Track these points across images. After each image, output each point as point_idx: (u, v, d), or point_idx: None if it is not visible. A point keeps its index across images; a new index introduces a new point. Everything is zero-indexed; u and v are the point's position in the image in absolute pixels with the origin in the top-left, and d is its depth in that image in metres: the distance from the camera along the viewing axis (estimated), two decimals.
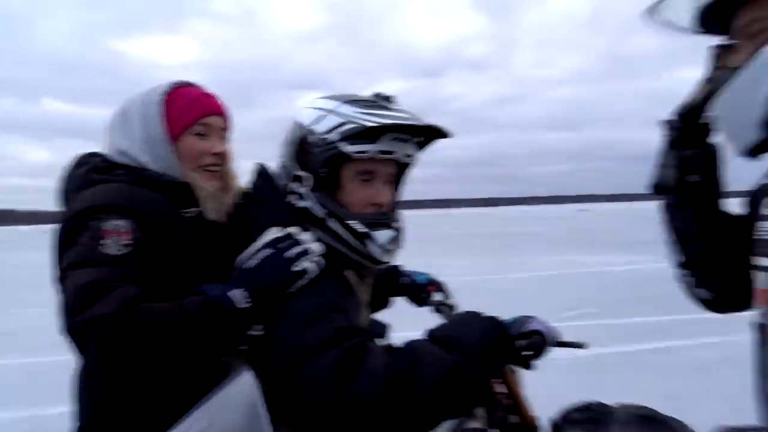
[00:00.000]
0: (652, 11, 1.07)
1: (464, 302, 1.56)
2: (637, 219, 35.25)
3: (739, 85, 0.94)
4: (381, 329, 1.56)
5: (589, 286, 9.78)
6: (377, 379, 1.05)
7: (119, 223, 1.24)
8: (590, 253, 15.07)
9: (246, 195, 1.39)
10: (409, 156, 1.35)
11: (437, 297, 1.84)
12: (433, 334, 1.18)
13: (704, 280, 1.26)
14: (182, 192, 1.41)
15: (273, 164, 1.41)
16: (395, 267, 1.87)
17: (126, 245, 1.23)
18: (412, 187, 1.50)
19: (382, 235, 1.31)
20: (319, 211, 1.29)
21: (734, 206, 1.26)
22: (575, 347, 1.36)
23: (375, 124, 1.24)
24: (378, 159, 1.29)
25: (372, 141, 1.26)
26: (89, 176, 1.38)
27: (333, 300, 1.20)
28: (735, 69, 0.95)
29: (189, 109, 1.45)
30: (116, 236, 1.23)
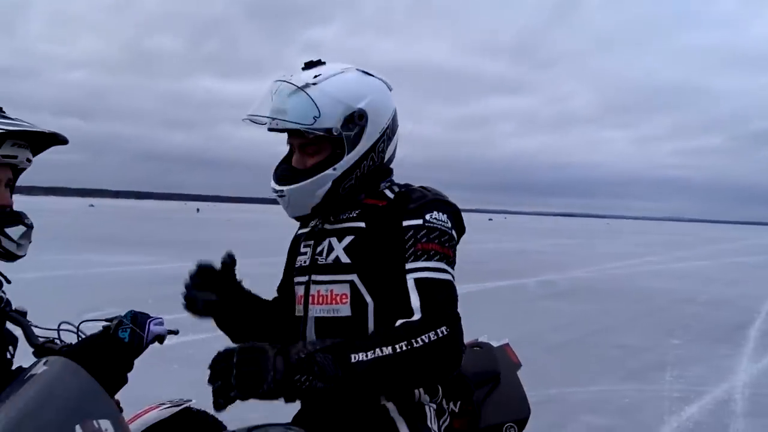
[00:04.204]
0: (248, 118, 1.49)
1: None
2: (147, 218, 35.68)
3: (307, 186, 1.43)
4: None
5: (108, 286, 9.43)
6: None
7: None
8: (106, 253, 14.44)
9: None
10: (29, 160, 1.48)
11: None
12: None
13: None
14: None
15: None
16: None
17: None
18: None
19: (16, 231, 1.42)
20: None
21: None
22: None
23: None
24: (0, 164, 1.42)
25: None
26: None
27: None
28: (302, 172, 1.46)
29: None
30: None
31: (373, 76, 1.51)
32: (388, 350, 1.22)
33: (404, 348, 1.22)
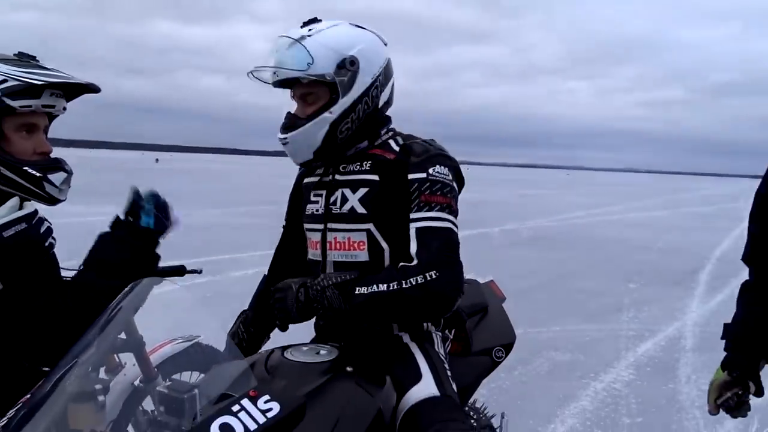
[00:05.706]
0: (252, 73, 1.63)
1: None
2: (105, 169, 34.88)
3: (307, 129, 1.57)
4: None
5: (73, 238, 9.41)
6: None
7: None
8: (66, 203, 14.13)
9: None
10: (64, 109, 1.52)
11: None
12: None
13: None
14: None
15: None
16: None
17: None
18: None
19: (58, 177, 1.47)
20: None
21: None
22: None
23: (40, 82, 1.39)
24: (39, 112, 1.44)
25: (35, 97, 1.40)
26: None
27: None
28: (302, 118, 1.59)
29: None
30: None
31: (364, 29, 1.63)
32: (383, 287, 1.43)
33: (395, 287, 1.42)
